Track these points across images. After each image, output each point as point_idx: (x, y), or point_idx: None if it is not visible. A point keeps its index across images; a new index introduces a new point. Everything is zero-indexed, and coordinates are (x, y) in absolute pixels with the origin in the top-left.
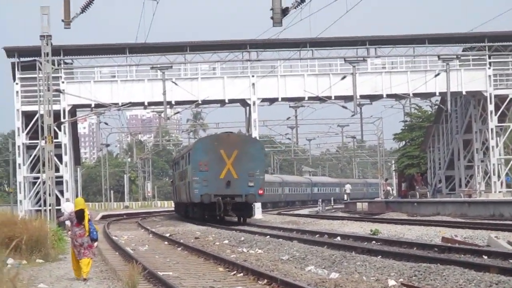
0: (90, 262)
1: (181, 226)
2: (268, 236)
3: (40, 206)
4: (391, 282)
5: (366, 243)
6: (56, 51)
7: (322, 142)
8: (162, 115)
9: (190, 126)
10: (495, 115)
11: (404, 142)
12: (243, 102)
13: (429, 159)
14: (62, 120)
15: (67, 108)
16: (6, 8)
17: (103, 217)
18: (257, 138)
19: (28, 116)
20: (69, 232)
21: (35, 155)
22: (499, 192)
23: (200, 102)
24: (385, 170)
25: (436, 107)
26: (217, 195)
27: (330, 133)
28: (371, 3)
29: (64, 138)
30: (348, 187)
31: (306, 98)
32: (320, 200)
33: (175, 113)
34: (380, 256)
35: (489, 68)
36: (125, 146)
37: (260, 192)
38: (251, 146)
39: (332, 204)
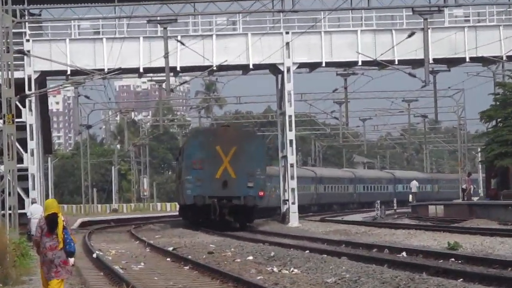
0: (62, 285)
1: (189, 237)
2: (308, 251)
3: None
4: None
5: (441, 261)
6: None
7: (381, 123)
8: (164, 86)
9: (201, 101)
10: None
11: (494, 123)
12: (274, 68)
13: None
14: (27, 92)
15: (34, 76)
16: None
17: (83, 224)
18: (292, 116)
19: None
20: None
21: None
22: None
23: (214, 68)
24: (467, 161)
25: None
26: (212, 196)
27: (392, 111)
28: None
29: (29, 116)
30: (414, 185)
31: (360, 63)
32: (379, 202)
33: (181, 84)
34: (461, 279)
35: None
36: (113, 128)
37: (261, 194)
38: (251, 142)
39: (395, 207)
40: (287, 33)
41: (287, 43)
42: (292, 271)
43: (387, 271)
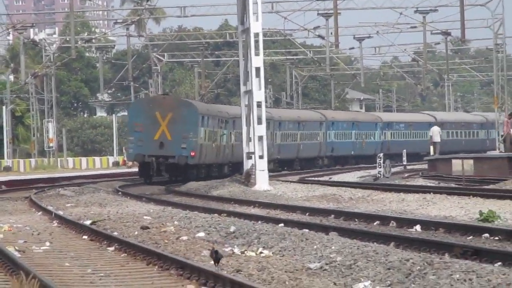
0: None
1: (114, 206)
2: (282, 225)
3: None
4: None
5: (471, 237)
6: None
7: (386, 43)
8: None
9: (129, 14)
10: None
11: None
12: None
13: None
14: None
15: None
16: None
17: None
18: (260, 35)
19: None
20: None
21: None
22: None
23: None
24: (507, 97)
25: None
26: (150, 155)
27: (400, 27)
28: None
29: None
30: (436, 131)
31: None
32: (381, 155)
33: None
34: (499, 263)
35: None
36: (4, 52)
37: (192, 154)
38: (185, 109)
39: (405, 163)
40: None
41: None
42: (261, 252)
43: (394, 251)
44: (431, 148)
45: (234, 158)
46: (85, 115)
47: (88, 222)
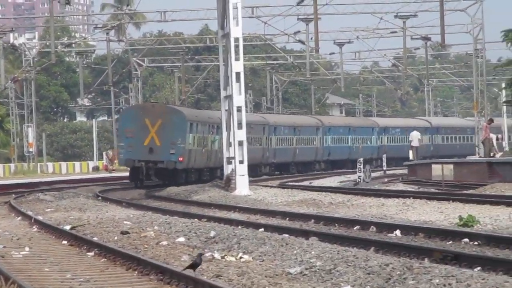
0: None
1: (94, 211)
2: (262, 230)
3: None
4: None
5: (450, 242)
6: None
7: (365, 48)
8: None
9: (109, 18)
10: None
11: None
12: None
13: None
14: None
15: None
16: None
17: None
18: (240, 40)
19: None
20: None
21: None
22: None
23: None
24: (487, 102)
25: None
26: (140, 160)
27: (381, 32)
28: None
29: None
30: (415, 136)
31: None
32: (361, 160)
33: None
34: (478, 268)
35: None
36: None
37: (180, 159)
38: (174, 116)
39: (385, 168)
40: None
41: None
42: (241, 257)
43: (374, 256)
44: (410, 152)
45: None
46: (65, 120)
47: (68, 227)
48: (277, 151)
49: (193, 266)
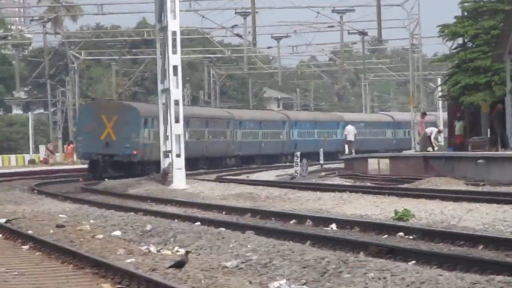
0: None
1: (29, 204)
2: (198, 223)
3: None
4: None
5: (386, 236)
6: None
7: (303, 42)
8: None
9: (46, 11)
10: None
11: (460, 41)
12: None
13: (509, 76)
14: None
15: None
16: None
17: None
18: (177, 33)
19: None
20: None
21: None
22: None
23: None
24: (423, 96)
25: None
26: (97, 153)
27: (318, 26)
28: None
29: None
30: (351, 130)
31: None
32: (298, 154)
33: None
34: (412, 261)
35: None
36: None
37: (135, 152)
38: (128, 112)
39: (322, 162)
40: None
41: None
42: (177, 251)
43: (310, 250)
44: (346, 147)
45: (188, 155)
46: (1, 113)
47: (2, 221)
48: (242, 144)
49: (180, 264)
